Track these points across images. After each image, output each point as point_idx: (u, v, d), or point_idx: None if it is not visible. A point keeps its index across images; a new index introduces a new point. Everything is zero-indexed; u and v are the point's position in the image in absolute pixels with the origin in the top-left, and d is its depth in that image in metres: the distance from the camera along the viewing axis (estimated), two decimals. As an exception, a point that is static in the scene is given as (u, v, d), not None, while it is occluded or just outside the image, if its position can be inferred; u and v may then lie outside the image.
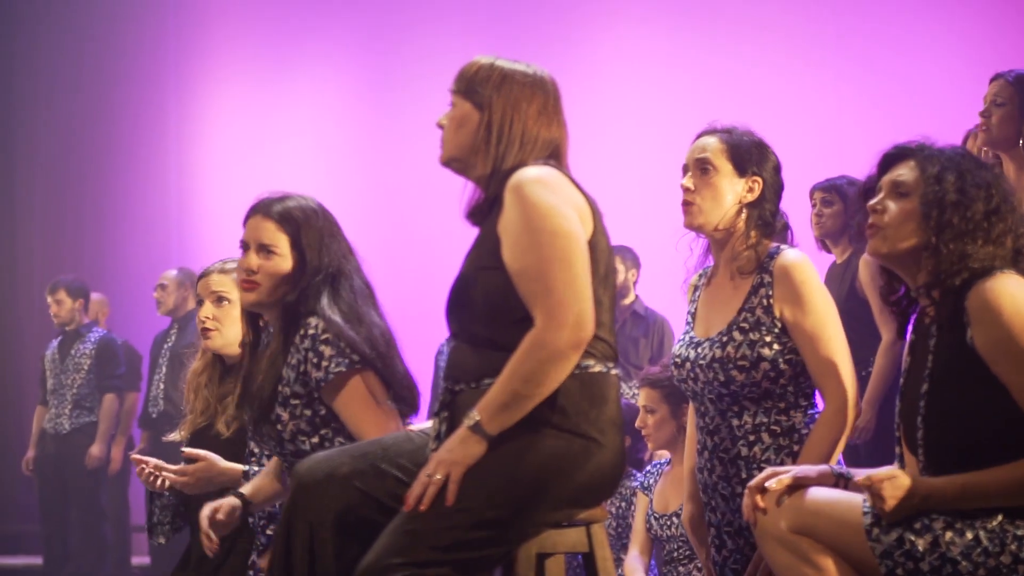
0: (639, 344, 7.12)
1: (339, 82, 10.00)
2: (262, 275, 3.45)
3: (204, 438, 3.87)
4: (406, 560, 2.60)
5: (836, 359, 3.21)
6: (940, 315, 2.73)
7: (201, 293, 3.94)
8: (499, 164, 2.84)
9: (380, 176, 9.51)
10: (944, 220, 2.74)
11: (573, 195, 2.80)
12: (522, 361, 2.66)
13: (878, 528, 2.63)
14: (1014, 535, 2.58)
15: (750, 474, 3.23)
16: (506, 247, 2.76)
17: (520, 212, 2.74)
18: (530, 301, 2.70)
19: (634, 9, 8.81)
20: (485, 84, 2.88)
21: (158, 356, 8.19)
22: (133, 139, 10.53)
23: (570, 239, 2.72)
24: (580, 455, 2.71)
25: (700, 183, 3.33)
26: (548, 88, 2.92)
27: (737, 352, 3.25)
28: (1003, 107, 4.41)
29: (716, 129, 3.41)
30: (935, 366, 2.73)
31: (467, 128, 2.88)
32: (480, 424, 2.67)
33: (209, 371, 3.94)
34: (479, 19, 9.27)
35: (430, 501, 2.63)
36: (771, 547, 2.71)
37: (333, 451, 3.02)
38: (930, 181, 2.77)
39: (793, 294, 3.22)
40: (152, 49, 10.58)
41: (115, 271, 10.22)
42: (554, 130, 2.90)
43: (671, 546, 4.93)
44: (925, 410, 2.73)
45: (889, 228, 2.79)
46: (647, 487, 5.10)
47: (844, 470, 2.85)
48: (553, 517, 2.75)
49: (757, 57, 8.16)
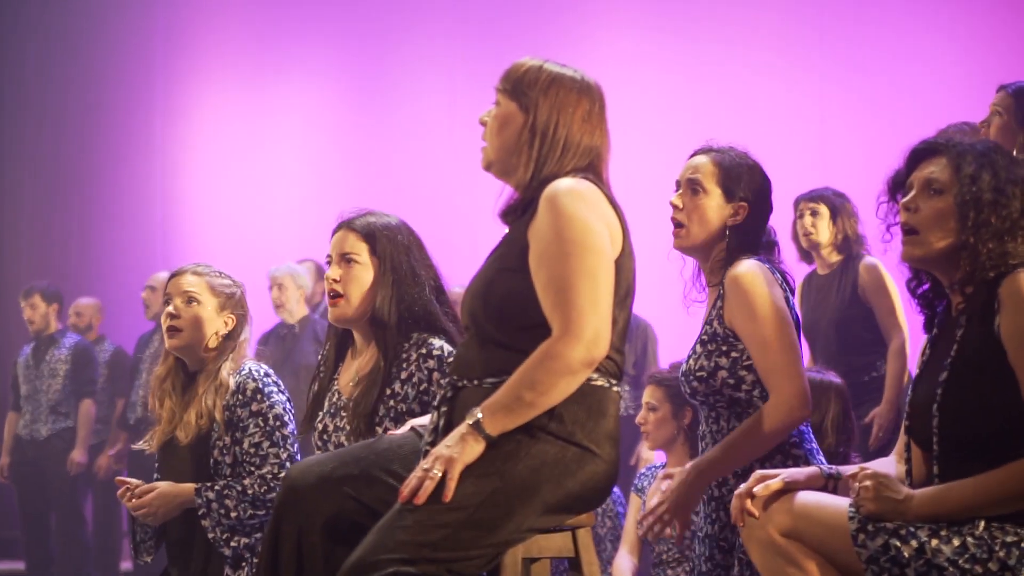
0: (623, 349, 7.14)
1: (326, 85, 9.99)
2: (344, 284, 3.54)
3: (171, 448, 3.89)
4: (394, 557, 2.60)
5: (780, 359, 3.20)
6: (972, 305, 2.69)
7: (171, 292, 3.92)
8: (540, 167, 2.83)
9: (367, 179, 9.49)
10: (981, 220, 2.69)
11: (607, 212, 2.80)
12: (533, 368, 2.67)
13: (864, 534, 2.62)
14: (1003, 542, 2.57)
15: (725, 478, 3.28)
16: (534, 253, 2.76)
17: (553, 221, 2.73)
18: (550, 310, 2.71)
19: (623, 14, 8.82)
20: (533, 86, 2.87)
21: (139, 362, 8.16)
22: (119, 142, 10.51)
23: (599, 256, 2.73)
24: (573, 463, 2.72)
25: (689, 203, 3.38)
26: (595, 95, 2.92)
27: (696, 364, 3.31)
28: (1001, 117, 4.45)
29: (712, 149, 3.43)
30: (959, 354, 2.70)
31: (511, 129, 2.87)
32: (481, 423, 2.67)
33: (172, 378, 3.92)
34: (469, 23, 9.28)
35: (426, 496, 2.63)
36: (758, 550, 2.71)
37: (326, 455, 3.02)
38: (965, 180, 2.72)
39: (739, 302, 3.25)
40: (139, 52, 10.56)
41: (101, 275, 10.19)
42: (596, 138, 2.90)
43: (660, 548, 4.94)
44: (941, 397, 2.69)
45: (923, 230, 2.75)
46: (640, 489, 5.12)
47: (834, 470, 2.86)
48: (542, 522, 2.75)
49: (746, 61, 8.18)
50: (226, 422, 3.77)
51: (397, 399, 3.47)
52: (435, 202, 8.31)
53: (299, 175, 9.96)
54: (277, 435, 3.78)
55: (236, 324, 3.90)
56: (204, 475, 3.80)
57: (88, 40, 10.54)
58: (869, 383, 5.55)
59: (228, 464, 3.79)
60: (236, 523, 3.72)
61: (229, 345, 3.88)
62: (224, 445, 3.78)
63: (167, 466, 3.91)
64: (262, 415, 3.78)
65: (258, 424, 3.78)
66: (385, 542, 2.62)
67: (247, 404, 3.79)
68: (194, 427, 3.78)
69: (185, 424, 3.80)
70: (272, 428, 3.78)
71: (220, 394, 3.79)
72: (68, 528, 8.34)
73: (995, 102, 4.49)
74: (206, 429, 3.78)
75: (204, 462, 3.80)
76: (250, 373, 3.83)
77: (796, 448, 3.30)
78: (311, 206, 9.56)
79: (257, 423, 3.78)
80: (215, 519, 3.71)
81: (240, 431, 3.78)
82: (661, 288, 6.81)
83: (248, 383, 3.80)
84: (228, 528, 3.72)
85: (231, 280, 3.96)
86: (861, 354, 5.58)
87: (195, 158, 10.43)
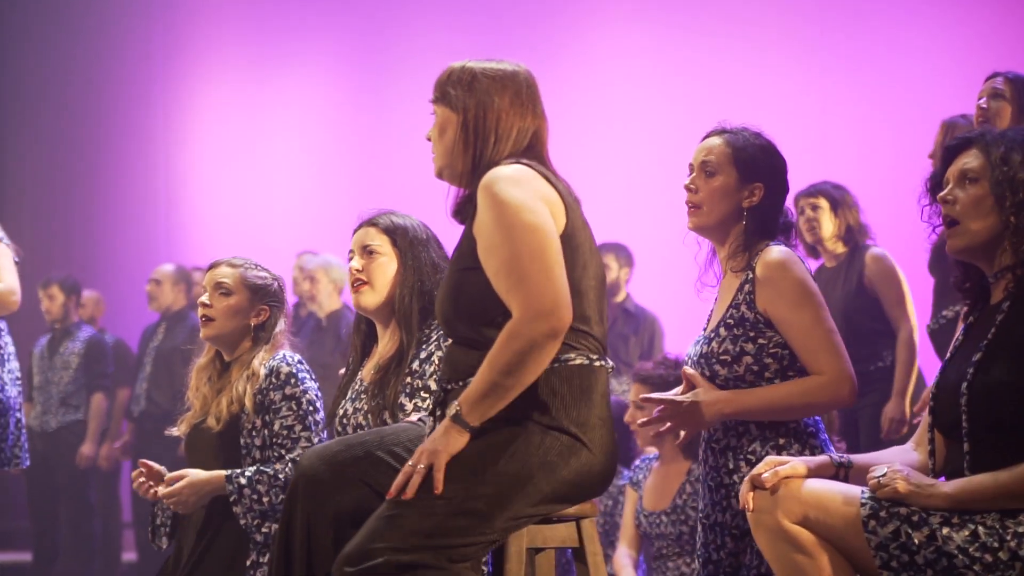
0: (629, 341, 7.15)
1: (328, 80, 10.00)
2: (368, 272, 3.64)
3: (200, 434, 3.93)
4: (388, 545, 2.65)
5: (828, 340, 3.20)
6: (1019, 291, 2.69)
7: (206, 283, 4.00)
8: (478, 159, 2.90)
9: (368, 172, 9.51)
10: (1020, 200, 2.70)
11: (543, 189, 2.83)
12: (499, 352, 2.71)
13: (875, 520, 2.61)
14: (1014, 531, 2.56)
15: (736, 465, 3.26)
16: (480, 247, 2.81)
17: (489, 210, 2.79)
18: (506, 296, 2.75)
19: (623, 9, 8.83)
20: (457, 86, 2.94)
21: (143, 354, 8.17)
22: (122, 136, 10.52)
23: (539, 232, 2.76)
24: (564, 452, 2.75)
25: (703, 185, 3.35)
26: (520, 79, 2.96)
27: (720, 348, 3.28)
28: (1004, 100, 4.47)
29: (725, 130, 3.41)
30: (996, 336, 2.69)
31: (449, 133, 2.94)
32: (460, 415, 2.72)
33: (211, 368, 4.01)
34: (470, 16, 9.28)
35: (413, 490, 2.68)
36: (766, 538, 2.70)
37: (333, 441, 3.06)
38: (997, 163, 2.73)
39: (773, 288, 3.23)
40: (141, 47, 10.57)
41: (104, 268, 10.21)
42: (529, 120, 2.94)
43: (660, 543, 4.94)
44: (972, 376, 2.68)
45: (963, 219, 2.75)
46: (636, 483, 5.11)
47: (845, 458, 2.85)
48: (537, 511, 2.78)
49: (746, 54, 8.18)
50: (256, 405, 3.83)
51: (414, 376, 3.54)
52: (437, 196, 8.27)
53: (301, 168, 9.97)
54: (310, 419, 3.84)
55: (270, 315, 3.96)
56: (232, 459, 3.84)
57: (90, 34, 10.54)
58: (874, 373, 5.56)
59: (257, 447, 3.83)
60: (268, 509, 3.75)
61: (263, 336, 3.94)
62: (254, 428, 3.83)
63: (194, 452, 3.96)
64: (295, 399, 3.84)
65: (291, 408, 3.83)
66: (379, 531, 2.68)
67: (280, 388, 3.84)
68: (225, 413, 3.84)
69: (216, 411, 3.86)
70: (305, 412, 3.84)
71: (252, 382, 3.85)
72: (76, 520, 8.36)
73: (994, 86, 4.49)
74: (236, 414, 3.84)
75: (232, 446, 3.84)
76: (284, 358, 3.89)
77: (813, 438, 3.28)
78: (313, 199, 9.59)
79: (291, 406, 3.83)
80: (246, 506, 3.74)
81: (272, 413, 3.83)
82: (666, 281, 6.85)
83: (282, 367, 3.86)
84: (259, 514, 3.76)
85: (268, 273, 4.02)
86: (867, 344, 5.58)
87: (197, 151, 10.44)
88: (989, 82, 4.54)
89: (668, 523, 4.88)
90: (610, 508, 5.48)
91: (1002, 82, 4.49)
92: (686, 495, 4.87)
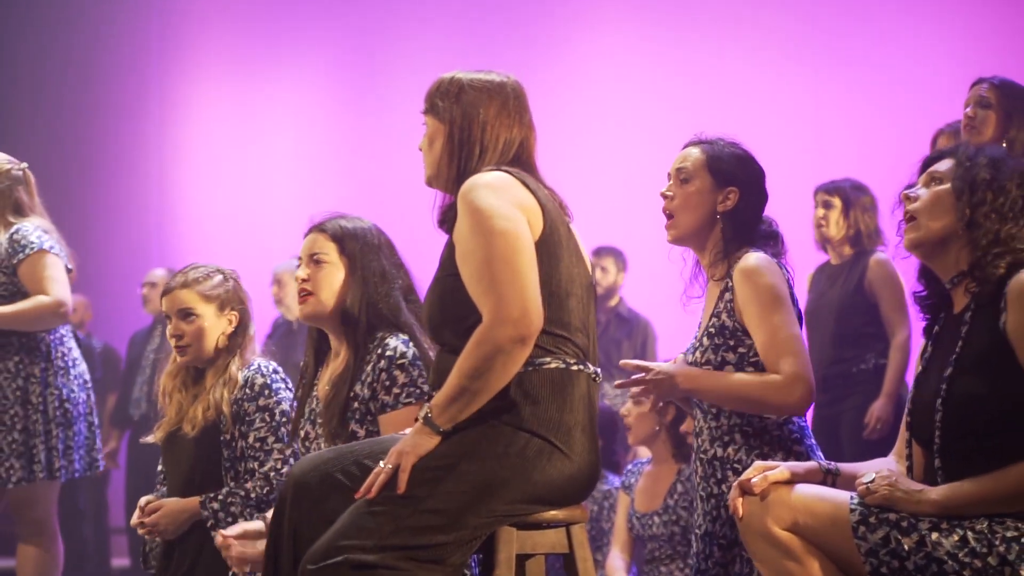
0: (622, 346, 7.15)
1: (321, 82, 9.99)
2: (313, 282, 3.57)
3: (176, 441, 3.89)
4: (351, 543, 2.69)
5: (788, 346, 3.20)
6: (979, 299, 2.69)
7: (167, 310, 3.93)
8: (461, 171, 2.94)
9: (361, 176, 9.51)
10: (977, 198, 2.71)
11: (520, 195, 2.85)
12: (467, 357, 2.74)
13: (865, 526, 2.61)
14: (1003, 536, 2.56)
15: (724, 475, 3.29)
16: (458, 253, 2.85)
17: (466, 217, 2.82)
18: (478, 301, 2.78)
19: (615, 10, 8.82)
20: (445, 97, 2.99)
21: (139, 357, 8.13)
22: (114, 140, 10.51)
23: (509, 238, 2.78)
24: (536, 455, 2.77)
25: (678, 192, 3.40)
26: (507, 90, 3.00)
27: (703, 357, 3.32)
28: (989, 108, 4.45)
29: (701, 140, 3.46)
30: (964, 351, 2.69)
31: (437, 144, 2.99)
32: (430, 418, 2.77)
33: (182, 375, 3.95)
34: (462, 20, 9.28)
35: (379, 489, 2.72)
36: (756, 542, 2.71)
37: (325, 451, 3.05)
38: (963, 162, 2.76)
39: (747, 294, 3.25)
40: (135, 51, 10.57)
41: (95, 272, 10.17)
42: (516, 131, 2.98)
43: (652, 545, 4.93)
44: (946, 393, 2.69)
45: (920, 215, 2.77)
46: (628, 487, 5.10)
47: (833, 466, 2.85)
48: (510, 511, 2.78)
49: (741, 55, 8.18)
50: (233, 415, 3.80)
51: (359, 400, 3.50)
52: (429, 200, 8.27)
53: (294, 172, 9.96)
54: (282, 431, 3.80)
55: (240, 319, 3.91)
56: (207, 467, 3.82)
57: (84, 37, 10.54)
58: (857, 375, 5.56)
59: (235, 458, 3.81)
60: None
61: (236, 341, 3.90)
62: (232, 438, 3.80)
63: (171, 458, 3.93)
64: (268, 410, 3.80)
65: (264, 419, 3.79)
66: (343, 530, 2.72)
67: (255, 399, 3.81)
68: (201, 419, 3.80)
69: (192, 417, 3.82)
70: (278, 424, 3.80)
71: (229, 388, 3.82)
72: (66, 525, 8.32)
73: (980, 93, 4.47)
74: (212, 421, 3.80)
75: (209, 454, 3.82)
76: (259, 369, 3.86)
77: (798, 444, 3.30)
78: (306, 203, 9.52)
79: (263, 418, 3.79)
80: (225, 527, 3.71)
81: (246, 425, 3.80)
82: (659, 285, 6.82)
83: (256, 378, 3.83)
84: None
85: (221, 275, 3.95)
86: (855, 346, 5.58)
87: (190, 155, 10.43)
88: (975, 89, 4.53)
89: (660, 523, 4.88)
90: (595, 514, 5.47)
91: (987, 88, 4.48)
92: (677, 495, 4.88)
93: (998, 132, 4.41)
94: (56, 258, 4.91)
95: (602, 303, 7.08)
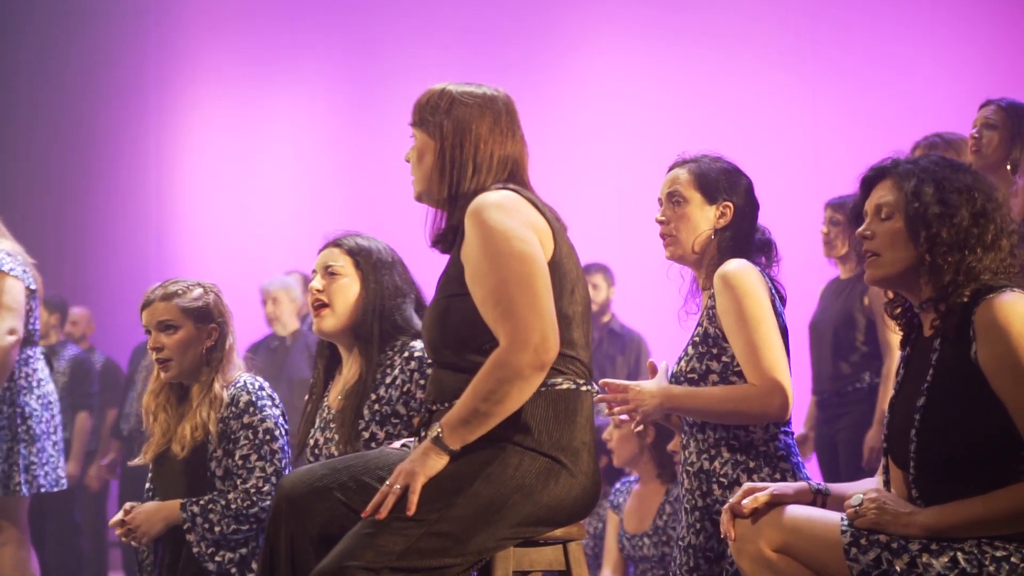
0: (616, 362, 7.15)
1: (319, 95, 9.99)
2: (329, 294, 3.62)
3: (166, 461, 3.88)
4: (359, 564, 2.65)
5: (765, 355, 3.22)
6: (946, 328, 2.70)
7: (147, 324, 3.90)
8: (456, 187, 2.89)
9: (359, 189, 9.51)
10: (932, 234, 2.71)
11: (531, 216, 2.82)
12: (483, 379, 2.71)
13: (856, 548, 2.62)
14: (992, 556, 2.57)
15: (710, 488, 3.30)
16: (468, 274, 2.80)
17: (478, 238, 2.77)
18: (493, 325, 2.74)
19: (615, 24, 8.82)
20: (436, 111, 2.93)
21: (135, 372, 8.13)
22: (113, 153, 10.50)
23: (527, 261, 2.75)
24: (543, 475, 2.75)
25: (673, 215, 3.43)
26: (499, 105, 2.94)
27: (688, 366, 3.34)
28: (995, 131, 4.46)
29: (685, 160, 3.48)
30: (935, 380, 2.70)
31: (427, 158, 2.93)
32: (441, 438, 2.72)
33: (166, 392, 3.92)
34: (460, 33, 9.29)
35: (388, 510, 2.69)
36: (749, 564, 2.71)
37: (317, 464, 3.04)
38: (909, 198, 2.74)
39: (725, 301, 3.27)
40: (133, 63, 10.56)
41: (95, 285, 10.18)
42: (509, 146, 2.92)
43: (644, 566, 4.93)
44: (920, 423, 2.70)
45: (882, 254, 2.78)
46: (616, 506, 5.10)
47: (823, 486, 2.86)
48: (514, 533, 2.77)
49: (739, 69, 8.18)
50: (220, 434, 3.78)
51: (382, 402, 3.53)
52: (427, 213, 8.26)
53: (292, 185, 9.96)
54: (265, 449, 3.77)
55: (220, 332, 3.89)
56: (198, 487, 3.80)
57: (82, 49, 10.53)
58: (852, 394, 5.55)
59: (219, 477, 3.80)
60: (220, 538, 3.72)
61: (216, 356, 3.87)
62: (218, 457, 3.79)
63: (161, 479, 3.91)
64: (252, 428, 3.78)
65: (248, 437, 3.78)
66: (351, 550, 2.68)
67: (239, 416, 3.79)
68: (189, 440, 3.78)
69: (180, 437, 3.80)
70: (261, 442, 3.78)
71: (214, 406, 3.80)
72: (63, 538, 8.32)
73: (986, 116, 4.50)
74: (201, 441, 3.79)
75: (199, 474, 3.80)
76: (244, 386, 3.83)
77: (784, 461, 3.31)
78: (304, 216, 9.56)
79: (247, 436, 3.78)
80: (199, 534, 3.71)
81: (232, 443, 3.79)
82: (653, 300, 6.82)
83: (242, 396, 3.81)
84: (212, 543, 3.73)
85: (201, 288, 3.92)
86: (851, 363, 5.57)
87: (189, 169, 10.42)
88: (982, 111, 4.54)
89: (650, 544, 4.88)
90: (599, 531, 5.46)
91: (993, 111, 4.50)
92: (666, 516, 4.88)
93: (1002, 153, 4.44)
94: (15, 281, 4.93)
95: (595, 320, 7.08)
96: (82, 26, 10.52)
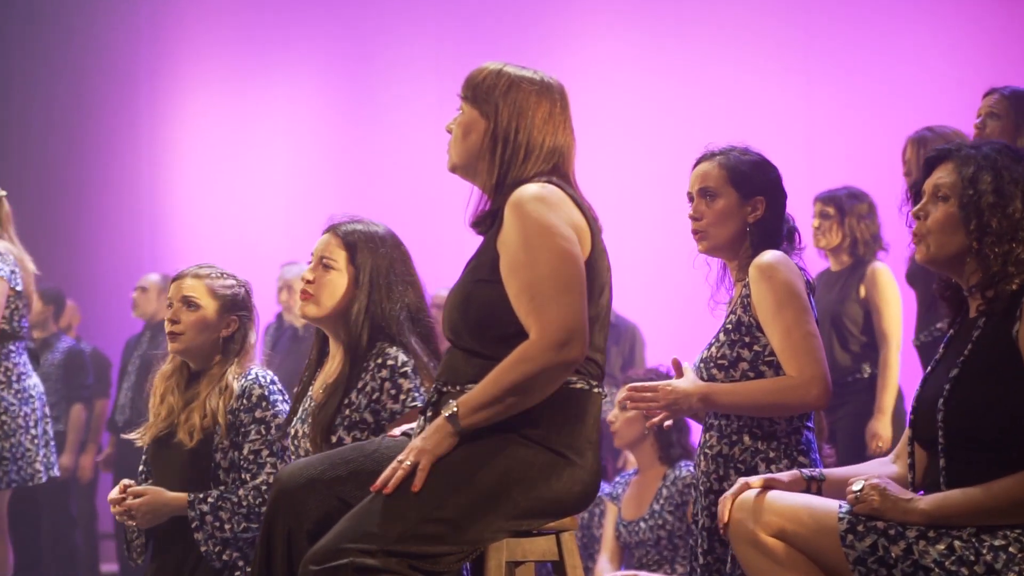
0: (611, 352, 7.14)
1: (313, 88, 9.99)
2: (317, 286, 3.59)
3: (166, 446, 3.84)
4: (355, 546, 2.64)
5: (804, 343, 3.22)
6: (993, 309, 2.70)
7: (172, 296, 3.90)
8: (504, 173, 2.85)
9: (354, 181, 9.50)
10: (983, 223, 2.71)
11: (572, 214, 2.81)
12: (508, 370, 2.69)
13: (853, 534, 2.62)
14: (990, 545, 2.57)
15: (727, 473, 3.30)
16: (504, 263, 2.77)
17: (519, 229, 2.75)
18: (524, 317, 2.72)
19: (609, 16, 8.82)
20: (492, 91, 2.88)
21: (127, 363, 8.13)
22: (106, 146, 10.51)
23: (567, 260, 2.73)
24: (547, 468, 2.74)
25: (707, 211, 3.41)
26: (555, 95, 2.92)
27: (719, 352, 3.33)
28: (999, 120, 4.47)
29: (714, 153, 3.45)
30: (972, 354, 2.70)
31: (474, 135, 2.88)
32: (456, 416, 2.70)
33: (177, 376, 3.92)
34: (456, 25, 9.28)
35: (395, 485, 2.68)
36: (745, 551, 2.71)
37: (314, 457, 3.04)
38: (966, 184, 2.74)
39: (762, 291, 3.27)
40: (127, 57, 10.56)
41: (86, 277, 10.17)
42: (560, 137, 2.90)
43: (640, 552, 4.95)
44: (949, 392, 2.69)
45: (931, 235, 2.78)
46: (615, 497, 5.11)
47: (816, 472, 2.87)
48: (515, 525, 2.77)
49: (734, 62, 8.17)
50: (228, 425, 3.75)
51: (352, 408, 3.51)
52: (422, 204, 8.31)
53: (286, 177, 9.96)
54: (277, 445, 3.76)
55: (239, 326, 3.88)
56: (199, 477, 3.76)
57: (76, 43, 10.53)
58: (852, 384, 5.56)
59: (223, 468, 3.76)
60: (230, 536, 3.68)
61: (233, 348, 3.87)
62: (224, 448, 3.76)
63: (158, 463, 3.87)
64: (264, 423, 3.76)
65: (259, 432, 3.75)
66: (347, 532, 2.67)
67: (251, 410, 3.77)
68: (199, 429, 3.75)
69: (189, 425, 3.76)
70: (274, 437, 3.76)
71: (224, 397, 3.77)
72: (58, 531, 8.32)
73: (990, 105, 4.50)
74: (210, 431, 3.76)
75: (202, 464, 3.77)
76: (256, 379, 3.81)
77: (803, 456, 3.31)
78: (298, 208, 9.57)
79: (259, 430, 3.75)
80: (208, 532, 3.67)
81: (241, 436, 3.76)
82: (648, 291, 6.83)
83: (254, 389, 3.79)
84: (221, 542, 3.69)
85: (234, 280, 3.93)
86: (850, 354, 5.58)
87: (182, 160, 10.42)
88: (986, 100, 4.54)
89: (646, 529, 4.89)
90: (585, 520, 5.48)
91: (997, 100, 4.50)
92: (663, 499, 4.89)
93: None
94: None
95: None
96: (74, 17, 10.52)
